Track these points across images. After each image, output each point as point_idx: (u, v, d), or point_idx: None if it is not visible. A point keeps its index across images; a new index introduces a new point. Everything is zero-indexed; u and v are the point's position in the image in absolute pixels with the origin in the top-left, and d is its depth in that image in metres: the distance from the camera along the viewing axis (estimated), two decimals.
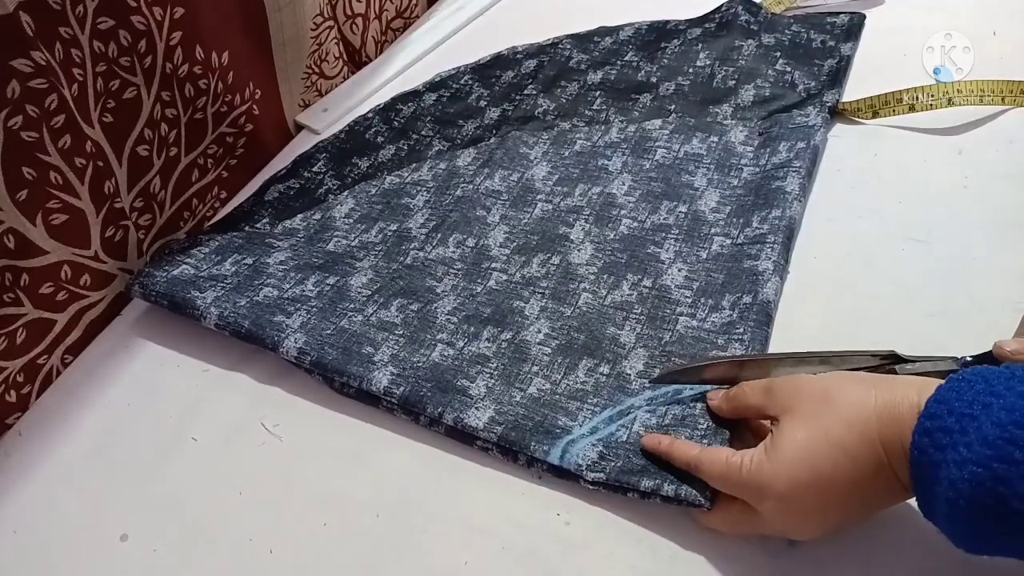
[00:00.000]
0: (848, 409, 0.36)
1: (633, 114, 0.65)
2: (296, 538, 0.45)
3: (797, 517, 0.37)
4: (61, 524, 0.47)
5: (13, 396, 0.51)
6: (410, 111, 0.66)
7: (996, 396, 0.31)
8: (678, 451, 0.42)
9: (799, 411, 0.38)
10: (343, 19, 0.71)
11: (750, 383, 0.42)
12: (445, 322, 0.52)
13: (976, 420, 0.31)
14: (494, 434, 0.45)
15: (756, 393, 0.41)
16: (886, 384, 0.36)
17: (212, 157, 0.62)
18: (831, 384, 0.38)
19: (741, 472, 0.38)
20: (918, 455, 0.32)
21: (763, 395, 0.40)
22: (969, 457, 0.30)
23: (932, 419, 0.32)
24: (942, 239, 0.53)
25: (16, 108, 0.45)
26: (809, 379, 0.39)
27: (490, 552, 0.43)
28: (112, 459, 0.49)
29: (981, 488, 0.30)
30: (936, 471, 0.31)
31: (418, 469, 0.47)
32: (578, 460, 0.44)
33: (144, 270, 0.55)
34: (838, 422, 0.36)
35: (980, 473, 0.30)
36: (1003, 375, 0.32)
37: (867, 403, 0.35)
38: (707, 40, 0.69)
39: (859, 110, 0.61)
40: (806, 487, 0.36)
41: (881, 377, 0.38)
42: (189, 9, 0.54)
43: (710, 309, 0.50)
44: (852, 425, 0.35)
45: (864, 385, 0.37)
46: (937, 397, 0.33)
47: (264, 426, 0.50)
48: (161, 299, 0.53)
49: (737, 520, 0.40)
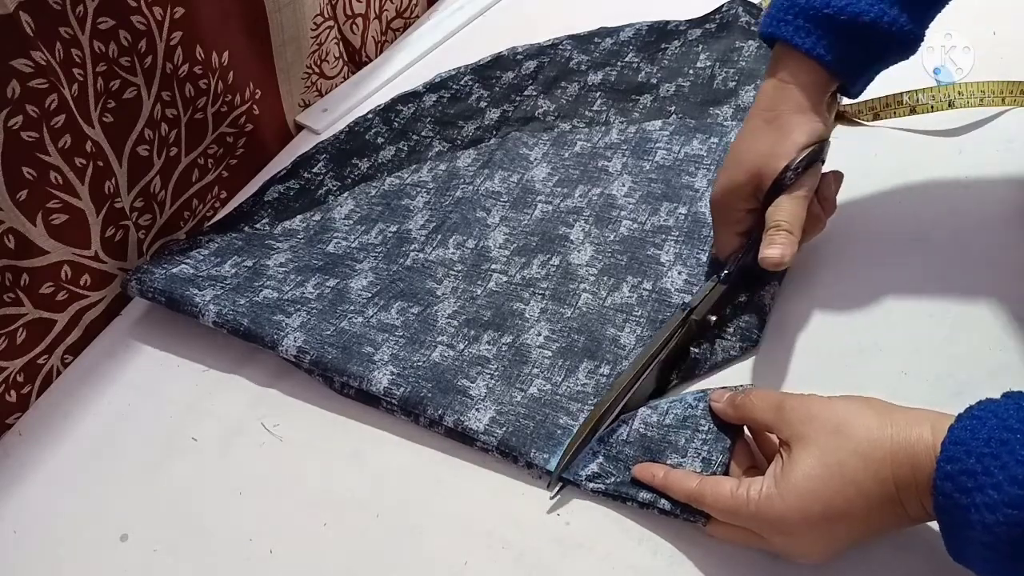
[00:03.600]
0: (862, 445, 0.35)
1: (633, 115, 0.65)
2: (296, 538, 0.45)
3: (805, 548, 0.37)
4: (61, 524, 0.47)
5: (13, 396, 0.51)
6: (410, 112, 0.66)
7: (1012, 431, 0.31)
8: (675, 484, 0.41)
9: (812, 441, 0.37)
10: (343, 19, 0.71)
11: (759, 394, 0.41)
12: (445, 325, 0.52)
13: (998, 459, 0.31)
14: (494, 437, 0.45)
15: (766, 409, 0.40)
16: (902, 419, 0.35)
17: (212, 157, 0.62)
18: (845, 415, 0.37)
19: (749, 507, 0.37)
20: (943, 500, 0.32)
21: (774, 413, 0.40)
22: (1000, 499, 0.30)
23: (952, 462, 0.32)
24: (942, 239, 0.53)
25: (16, 108, 0.45)
26: (823, 405, 0.38)
27: (490, 552, 0.43)
28: (112, 459, 0.49)
29: (1019, 528, 0.30)
30: (966, 515, 0.31)
31: (418, 469, 0.47)
32: (577, 471, 0.44)
33: (141, 267, 0.54)
34: (852, 456, 0.35)
35: (1014, 515, 0.30)
36: (1011, 408, 0.32)
37: (883, 441, 0.35)
38: (707, 41, 0.69)
39: (860, 112, 0.61)
40: (817, 522, 0.36)
41: (894, 408, 0.37)
42: (189, 9, 0.54)
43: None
44: (867, 463, 0.35)
45: (879, 418, 0.36)
46: (952, 438, 0.33)
47: (264, 426, 0.50)
48: (159, 295, 0.53)
49: (742, 538, 0.40)
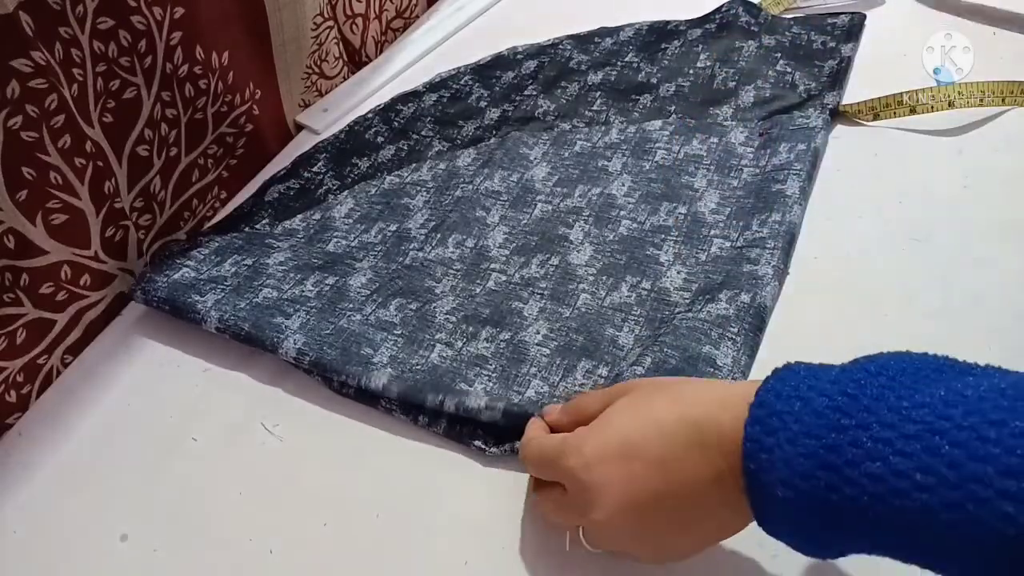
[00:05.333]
0: (676, 391, 0.36)
1: (633, 115, 0.65)
2: (296, 538, 0.45)
3: (601, 495, 0.35)
4: (61, 524, 0.47)
5: (13, 396, 0.51)
6: (410, 111, 0.66)
7: (819, 377, 0.31)
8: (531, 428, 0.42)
9: (632, 393, 0.37)
10: (343, 19, 0.71)
11: (589, 392, 0.41)
12: (444, 321, 0.52)
13: (803, 399, 0.30)
14: (492, 437, 0.46)
15: (595, 399, 0.39)
16: (727, 384, 0.36)
17: (212, 157, 0.62)
18: (674, 379, 0.38)
19: (559, 443, 0.37)
20: (750, 446, 0.31)
21: (603, 397, 0.39)
22: (800, 431, 0.29)
23: (761, 407, 0.31)
24: (942, 239, 0.53)
25: (16, 108, 0.45)
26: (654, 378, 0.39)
27: (490, 552, 0.43)
28: (112, 459, 0.49)
29: (815, 460, 0.29)
30: (770, 456, 0.30)
31: (418, 469, 0.47)
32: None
33: (146, 275, 0.55)
34: (663, 398, 0.36)
35: (811, 445, 0.29)
36: (822, 366, 0.32)
37: (699, 392, 0.35)
38: (707, 41, 0.69)
39: (860, 112, 0.61)
40: (612, 457, 0.35)
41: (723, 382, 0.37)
42: (189, 9, 0.54)
43: (706, 301, 0.50)
44: (677, 404, 0.35)
45: (706, 384, 0.37)
46: (766, 387, 0.32)
47: (264, 426, 0.50)
48: (163, 304, 0.53)
49: (556, 503, 0.39)
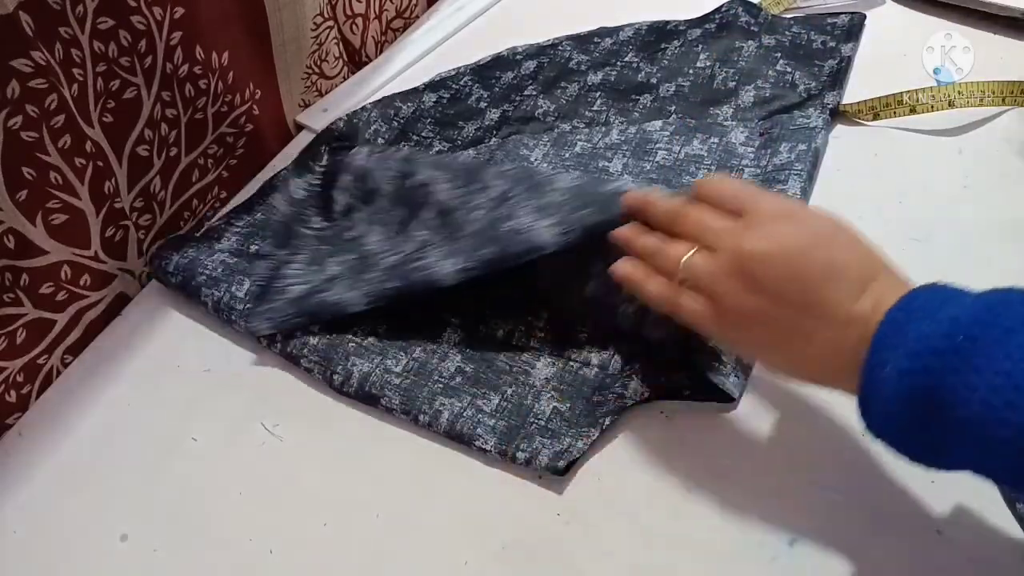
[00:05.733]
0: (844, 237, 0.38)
1: (633, 115, 0.65)
2: (296, 538, 0.45)
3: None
4: (61, 524, 0.47)
5: (13, 396, 0.51)
6: (410, 111, 0.66)
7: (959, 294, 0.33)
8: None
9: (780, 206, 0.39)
10: (343, 19, 0.71)
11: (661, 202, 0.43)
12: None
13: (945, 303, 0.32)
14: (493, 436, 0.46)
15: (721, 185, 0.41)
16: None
17: (212, 157, 0.62)
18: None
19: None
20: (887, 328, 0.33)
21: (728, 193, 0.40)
22: (936, 331, 0.31)
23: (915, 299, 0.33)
24: (942, 239, 0.53)
25: (16, 108, 0.45)
26: None
27: (490, 552, 0.43)
28: (112, 459, 0.49)
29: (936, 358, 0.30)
30: (902, 337, 0.32)
31: (418, 469, 0.47)
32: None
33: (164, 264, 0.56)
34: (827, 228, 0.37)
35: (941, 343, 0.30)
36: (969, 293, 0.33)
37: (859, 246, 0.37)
38: (707, 41, 0.69)
39: (860, 112, 0.61)
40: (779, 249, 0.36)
41: None
42: (189, 9, 0.54)
43: None
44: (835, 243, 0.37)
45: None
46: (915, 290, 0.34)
47: (264, 426, 0.50)
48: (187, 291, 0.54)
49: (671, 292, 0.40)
